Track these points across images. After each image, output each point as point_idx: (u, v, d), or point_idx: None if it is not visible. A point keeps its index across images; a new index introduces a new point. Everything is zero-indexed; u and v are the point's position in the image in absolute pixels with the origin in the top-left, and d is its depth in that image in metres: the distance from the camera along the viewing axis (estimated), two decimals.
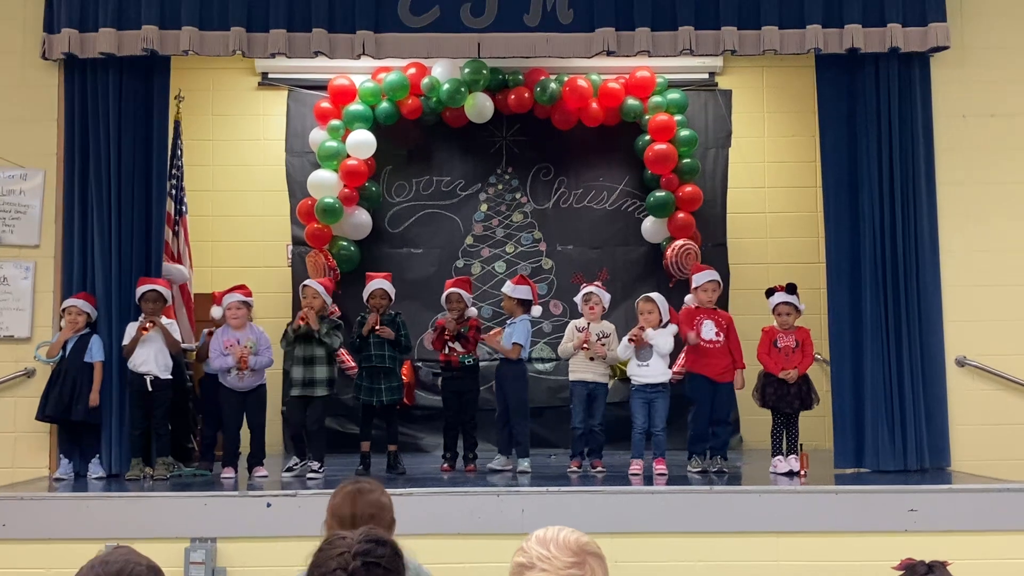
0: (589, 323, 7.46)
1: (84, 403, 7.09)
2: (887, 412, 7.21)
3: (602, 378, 7.43)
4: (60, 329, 7.25)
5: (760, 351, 7.30)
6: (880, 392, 7.23)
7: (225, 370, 7.25)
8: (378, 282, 7.57)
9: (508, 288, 7.74)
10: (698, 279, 7.49)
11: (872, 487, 6.38)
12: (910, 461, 7.15)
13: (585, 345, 7.33)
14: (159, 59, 7.44)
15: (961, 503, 6.18)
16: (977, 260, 7.48)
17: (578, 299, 7.64)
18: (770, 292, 7.39)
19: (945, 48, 7.38)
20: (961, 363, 7.39)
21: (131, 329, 7.15)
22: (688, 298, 7.62)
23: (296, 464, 7.28)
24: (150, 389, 7.10)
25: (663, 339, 7.23)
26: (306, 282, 7.65)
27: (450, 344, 7.59)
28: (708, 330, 7.31)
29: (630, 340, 7.21)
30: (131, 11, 7.30)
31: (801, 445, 7.21)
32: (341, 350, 7.83)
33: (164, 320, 7.25)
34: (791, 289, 7.32)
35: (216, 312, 7.43)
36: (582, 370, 7.41)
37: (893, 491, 6.27)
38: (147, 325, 7.05)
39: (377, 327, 7.32)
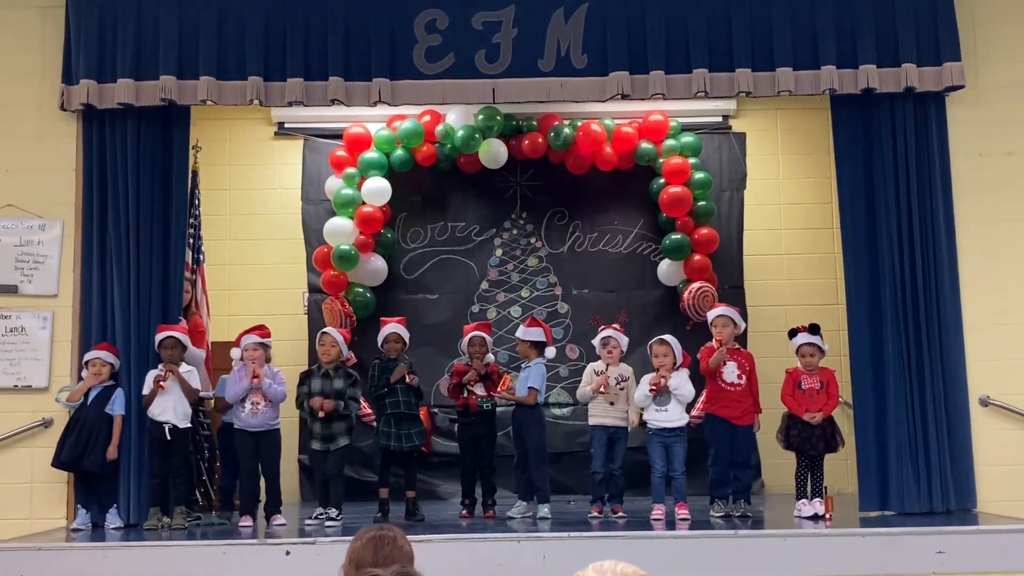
0: (608, 366, 7.42)
1: (98, 454, 7.05)
2: (911, 454, 7.12)
3: (622, 422, 7.37)
4: (80, 379, 7.24)
5: (784, 393, 7.23)
6: (904, 433, 7.15)
7: (240, 399, 7.23)
8: (392, 326, 7.58)
9: (521, 331, 7.72)
10: (710, 315, 7.52)
11: (899, 529, 6.30)
12: (936, 503, 7.05)
13: (603, 389, 7.29)
14: (177, 109, 7.50)
15: (989, 544, 6.11)
16: (998, 298, 7.42)
17: (596, 342, 7.59)
18: (793, 333, 7.32)
19: (960, 87, 7.39)
20: (985, 403, 7.31)
21: (150, 378, 7.15)
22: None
23: (320, 513, 7.21)
24: (168, 438, 7.08)
25: (686, 387, 7.19)
26: (325, 329, 7.64)
27: (470, 388, 7.55)
28: (730, 372, 7.25)
29: (651, 390, 7.15)
30: (149, 61, 7.37)
31: (826, 488, 7.13)
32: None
33: (184, 367, 7.25)
34: (814, 330, 7.25)
35: (235, 354, 7.43)
36: (602, 414, 7.35)
37: (920, 533, 6.19)
38: (163, 382, 7.06)
39: (407, 375, 7.32)
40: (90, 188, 7.49)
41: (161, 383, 7.06)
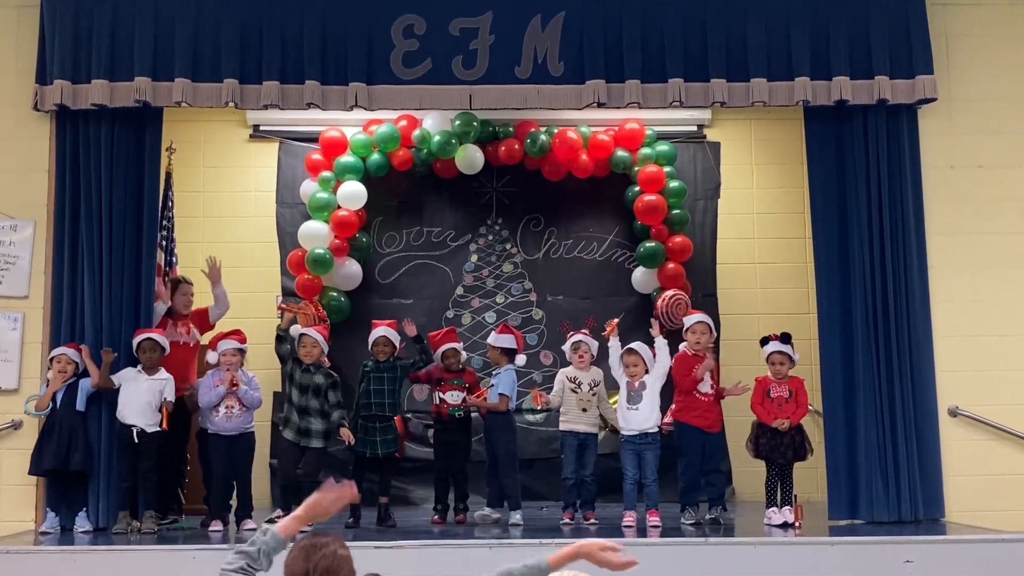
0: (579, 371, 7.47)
1: (81, 452, 7.02)
2: (881, 463, 7.19)
3: (592, 428, 7.42)
4: (48, 381, 7.18)
5: (753, 401, 7.28)
6: (873, 443, 7.21)
7: (214, 406, 7.21)
8: (381, 330, 7.56)
9: (492, 338, 7.75)
10: (688, 321, 7.56)
11: (867, 538, 6.36)
12: (904, 512, 7.12)
13: (542, 405, 7.60)
14: (151, 110, 7.47)
15: (956, 554, 6.17)
16: (968, 310, 7.50)
17: (566, 347, 7.63)
18: (764, 341, 7.39)
19: (932, 100, 7.47)
20: (954, 413, 7.38)
21: (126, 374, 7.12)
22: (683, 345, 7.61)
23: (278, 516, 7.12)
24: (136, 441, 7.04)
25: (664, 350, 7.26)
26: (304, 330, 7.61)
27: (442, 396, 7.56)
28: (704, 382, 7.30)
29: (604, 333, 7.40)
30: (124, 62, 7.33)
31: (795, 496, 7.17)
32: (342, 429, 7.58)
33: (161, 374, 7.21)
34: (785, 338, 7.31)
35: (211, 357, 7.40)
36: (573, 420, 7.39)
37: (888, 542, 6.26)
38: (163, 425, 7.09)
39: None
40: (63, 189, 7.44)
41: (164, 426, 7.11)
